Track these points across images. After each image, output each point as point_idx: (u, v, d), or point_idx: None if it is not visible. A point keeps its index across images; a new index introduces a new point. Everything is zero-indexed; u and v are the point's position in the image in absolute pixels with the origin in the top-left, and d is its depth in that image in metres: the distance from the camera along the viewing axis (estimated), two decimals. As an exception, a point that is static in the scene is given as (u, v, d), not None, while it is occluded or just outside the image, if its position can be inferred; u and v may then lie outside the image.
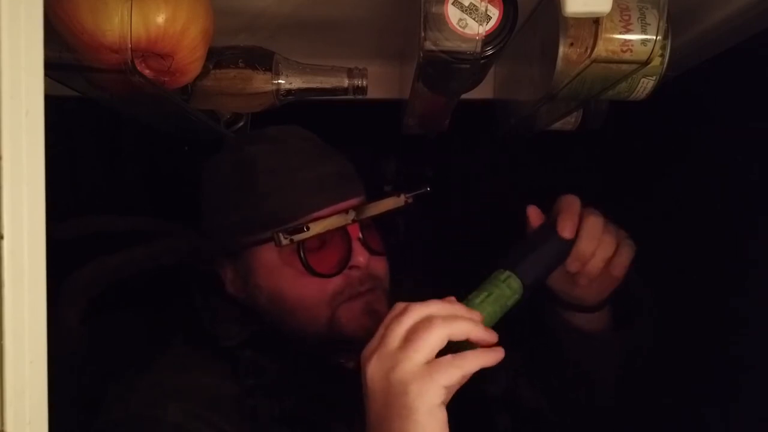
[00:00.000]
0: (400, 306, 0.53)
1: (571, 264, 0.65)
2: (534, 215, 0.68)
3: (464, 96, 0.72)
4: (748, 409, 0.69)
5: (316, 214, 0.67)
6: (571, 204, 0.66)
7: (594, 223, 0.65)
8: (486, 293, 0.58)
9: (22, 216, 0.33)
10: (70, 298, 0.73)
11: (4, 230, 0.32)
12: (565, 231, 0.64)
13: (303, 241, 0.65)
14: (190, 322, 0.70)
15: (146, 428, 0.59)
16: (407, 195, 0.71)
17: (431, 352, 0.49)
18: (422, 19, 0.53)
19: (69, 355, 0.70)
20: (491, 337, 0.52)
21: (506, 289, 0.59)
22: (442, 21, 0.53)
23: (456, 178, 1.22)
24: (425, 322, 0.50)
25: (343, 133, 0.80)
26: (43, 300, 0.34)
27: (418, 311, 0.51)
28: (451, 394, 0.50)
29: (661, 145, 0.95)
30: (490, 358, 0.50)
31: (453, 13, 0.53)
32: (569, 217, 0.64)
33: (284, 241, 0.64)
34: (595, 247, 0.64)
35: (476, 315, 0.54)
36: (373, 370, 0.50)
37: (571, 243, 0.64)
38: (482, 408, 0.76)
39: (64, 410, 0.40)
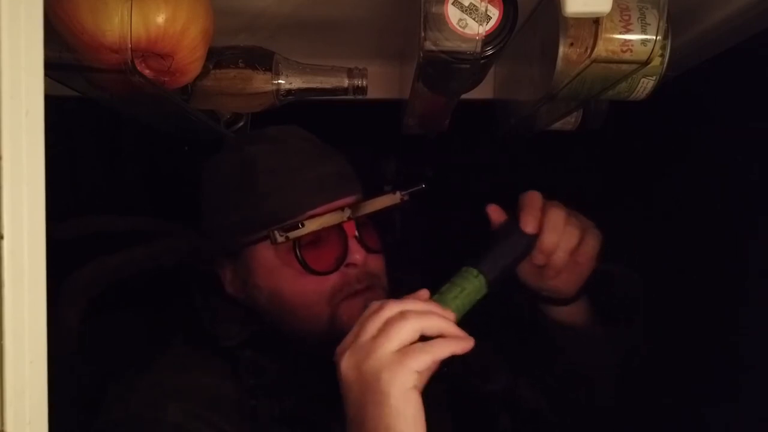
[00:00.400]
0: (375, 304, 0.54)
1: (536, 257, 0.66)
2: (495, 213, 0.69)
3: (464, 96, 0.72)
4: (748, 409, 0.69)
5: (311, 212, 0.68)
6: (532, 199, 0.66)
7: (556, 215, 0.65)
8: (459, 289, 0.60)
9: (22, 216, 0.33)
10: (70, 298, 0.73)
11: (4, 230, 0.32)
12: (528, 226, 0.65)
13: (299, 239, 0.66)
14: (190, 322, 0.70)
15: (146, 428, 0.59)
16: (403, 192, 0.71)
17: (402, 342, 0.50)
18: (422, 19, 0.53)
19: (69, 355, 0.70)
20: (463, 335, 0.53)
21: (476, 284, 0.60)
22: (442, 21, 0.53)
23: (456, 178, 1.22)
24: (399, 316, 0.51)
25: (343, 133, 0.80)
26: (43, 300, 0.34)
27: (392, 307, 0.52)
28: (424, 380, 0.51)
29: (661, 145, 0.95)
30: (460, 345, 0.51)
31: (453, 13, 0.53)
32: (530, 211, 0.65)
33: (279, 239, 0.65)
34: (558, 239, 0.65)
35: (449, 314, 0.55)
36: (347, 362, 0.51)
37: (534, 237, 0.65)
38: (482, 408, 0.76)
39: (65, 410, 0.40)
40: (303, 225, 0.65)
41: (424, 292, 0.57)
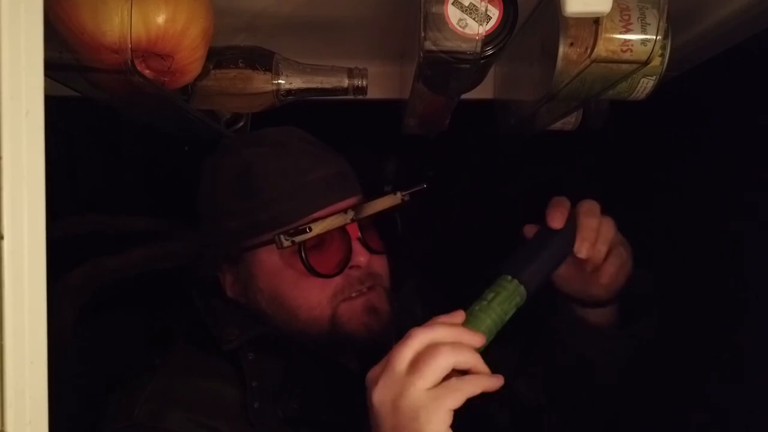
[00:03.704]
0: (409, 333, 0.53)
1: (579, 248, 0.64)
2: (528, 229, 0.67)
3: (464, 96, 0.72)
4: (748, 408, 0.69)
5: (315, 215, 0.67)
6: (558, 199, 0.66)
7: (589, 204, 0.64)
8: (495, 302, 0.58)
9: (22, 216, 0.33)
10: (64, 297, 0.73)
11: (4, 230, 0.32)
12: (555, 221, 0.63)
13: (304, 243, 0.65)
14: (192, 326, 0.70)
15: None
16: (404, 193, 0.71)
17: (437, 379, 0.50)
18: (422, 19, 0.53)
19: (64, 355, 0.70)
20: (489, 372, 0.53)
21: (516, 296, 0.59)
22: (442, 21, 0.53)
23: (456, 178, 1.22)
24: (432, 349, 0.51)
25: (343, 133, 0.80)
26: (43, 300, 0.35)
27: (423, 337, 0.52)
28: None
29: (661, 145, 0.95)
30: (491, 383, 0.52)
31: (453, 13, 0.53)
32: (556, 208, 0.64)
33: (286, 243, 0.64)
34: (597, 223, 0.63)
35: (479, 339, 0.54)
36: (380, 394, 0.51)
37: (564, 237, 0.64)
38: (481, 405, 0.76)
39: (62, 409, 0.40)
40: (310, 229, 0.65)
41: (460, 315, 0.56)
